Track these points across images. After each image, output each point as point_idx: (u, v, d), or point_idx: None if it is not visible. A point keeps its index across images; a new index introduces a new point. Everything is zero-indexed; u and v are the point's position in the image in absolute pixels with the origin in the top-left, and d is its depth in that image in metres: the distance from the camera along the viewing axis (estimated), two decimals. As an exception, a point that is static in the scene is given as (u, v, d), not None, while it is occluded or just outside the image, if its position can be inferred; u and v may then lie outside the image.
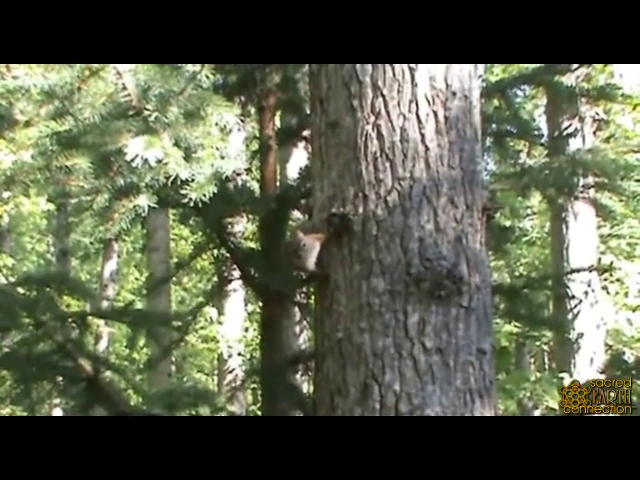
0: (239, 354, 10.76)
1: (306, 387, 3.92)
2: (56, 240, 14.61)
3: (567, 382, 4.45)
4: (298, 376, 3.90)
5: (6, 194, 8.13)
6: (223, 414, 4.57)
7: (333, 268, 2.79)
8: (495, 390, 2.81)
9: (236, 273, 3.82)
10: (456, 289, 2.70)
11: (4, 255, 10.60)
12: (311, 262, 2.82)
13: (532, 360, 16.08)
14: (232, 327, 10.97)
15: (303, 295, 3.83)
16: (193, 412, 4.28)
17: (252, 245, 3.73)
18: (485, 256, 2.83)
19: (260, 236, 3.63)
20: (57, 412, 12.96)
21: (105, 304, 11.27)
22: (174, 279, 12.95)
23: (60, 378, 3.79)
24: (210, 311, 10.82)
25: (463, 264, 2.73)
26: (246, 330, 11.39)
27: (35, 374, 3.63)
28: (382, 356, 2.67)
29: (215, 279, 4.52)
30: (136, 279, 16.23)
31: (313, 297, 3.11)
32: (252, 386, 12.08)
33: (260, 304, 9.99)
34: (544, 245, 13.75)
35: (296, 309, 4.04)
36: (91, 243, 16.29)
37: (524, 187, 3.94)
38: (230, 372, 10.64)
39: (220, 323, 10.93)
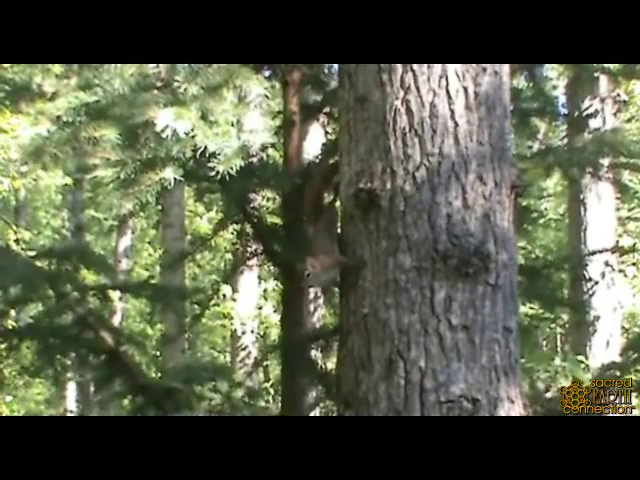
0: (252, 331, 10.78)
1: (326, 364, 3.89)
2: (71, 215, 14.64)
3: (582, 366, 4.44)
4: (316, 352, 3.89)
5: (24, 168, 8.13)
6: (241, 390, 4.59)
7: (359, 244, 2.78)
8: (519, 369, 2.81)
9: (257, 249, 3.81)
10: (483, 266, 2.68)
11: (21, 229, 10.63)
12: (323, 282, 2.94)
13: (545, 343, 16.06)
14: (246, 304, 10.99)
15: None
16: (211, 386, 4.30)
17: (275, 220, 3.71)
18: (512, 234, 2.82)
19: (283, 211, 3.62)
20: (71, 386, 13.06)
21: (121, 279, 11.27)
22: (188, 257, 12.99)
23: (81, 350, 3.80)
24: (224, 288, 10.84)
25: (491, 241, 2.71)
26: (260, 308, 11.41)
27: (57, 345, 3.65)
28: (408, 332, 2.66)
29: (231, 256, 4.53)
30: (149, 255, 16.26)
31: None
32: (265, 364, 12.14)
33: (276, 282, 9.97)
34: (559, 228, 13.72)
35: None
36: (105, 219, 16.37)
37: (548, 167, 3.92)
38: (243, 349, 10.67)
39: (234, 300, 10.95)
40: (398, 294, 2.68)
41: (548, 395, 4.12)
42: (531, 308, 7.27)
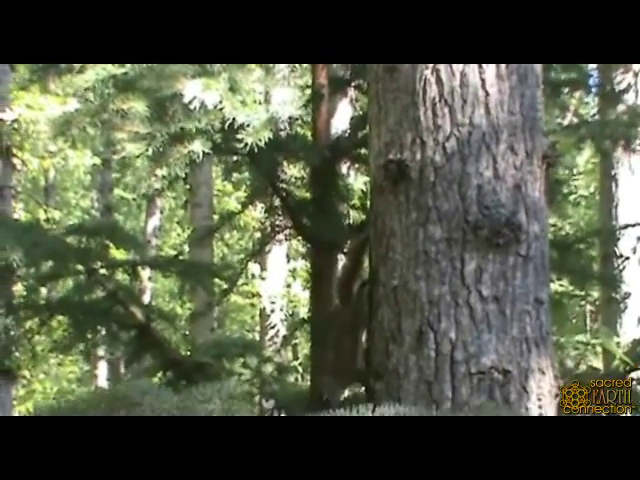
0: (281, 310, 10.81)
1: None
2: (100, 196, 14.74)
3: (615, 341, 4.40)
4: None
5: (53, 147, 8.19)
6: (270, 366, 4.61)
7: (389, 215, 2.76)
8: (551, 341, 2.78)
9: (286, 223, 3.80)
10: (514, 237, 2.66)
11: (50, 208, 10.72)
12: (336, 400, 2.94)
13: (574, 322, 15.96)
14: (274, 283, 11.02)
15: (353, 246, 3.81)
16: (240, 362, 4.32)
17: (304, 195, 3.70)
18: (544, 204, 2.79)
19: (312, 185, 3.61)
20: (102, 365, 13.20)
21: (150, 255, 11.34)
22: (216, 235, 13.05)
23: (111, 325, 3.83)
24: (252, 267, 10.88)
25: (522, 212, 2.68)
26: (288, 286, 11.44)
27: (88, 320, 3.67)
28: (438, 304, 2.65)
29: (259, 235, 4.52)
30: (178, 235, 16.35)
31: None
32: (294, 342, 12.19)
33: (304, 260, 9.96)
34: (590, 205, 13.59)
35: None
36: (134, 199, 16.46)
37: (579, 139, 3.88)
38: (272, 328, 10.71)
39: (262, 279, 10.98)
40: (428, 266, 2.67)
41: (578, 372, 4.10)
42: (561, 285, 7.23)
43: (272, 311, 10.80)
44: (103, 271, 3.88)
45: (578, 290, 5.24)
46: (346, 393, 3.12)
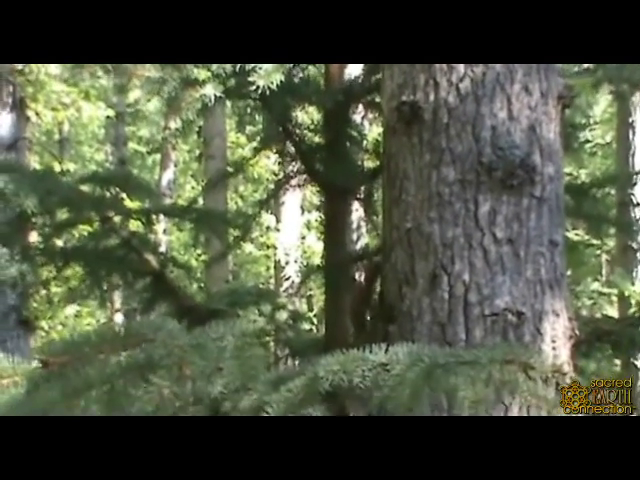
0: (296, 261, 10.85)
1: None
2: (114, 149, 14.75)
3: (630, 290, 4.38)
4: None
5: (66, 99, 8.17)
6: (284, 313, 4.63)
7: (402, 157, 2.74)
8: (566, 283, 2.78)
9: (299, 169, 3.79)
10: (529, 179, 2.64)
11: (65, 160, 10.73)
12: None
13: (589, 271, 15.93)
14: (289, 235, 11.05)
15: (366, 191, 3.80)
16: (256, 310, 4.34)
17: (316, 140, 3.68)
18: (559, 146, 2.76)
19: (325, 130, 3.58)
20: (118, 317, 13.30)
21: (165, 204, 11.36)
22: (230, 187, 13.04)
23: (126, 272, 3.84)
24: (267, 218, 10.91)
25: (536, 153, 2.66)
26: (303, 238, 11.46)
27: (103, 267, 3.69)
28: (451, 246, 2.64)
29: (273, 186, 4.51)
30: (192, 188, 16.37)
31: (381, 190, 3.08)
32: (308, 294, 12.24)
33: (318, 212, 9.94)
34: (606, 155, 13.49)
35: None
36: (148, 153, 16.45)
37: (596, 82, 3.82)
38: (287, 279, 10.76)
39: (277, 230, 11.01)
40: (442, 208, 2.65)
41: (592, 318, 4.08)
42: (577, 235, 7.20)
43: (287, 263, 10.85)
44: (117, 219, 3.90)
45: (594, 239, 5.20)
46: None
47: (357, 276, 3.49)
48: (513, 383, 1.91)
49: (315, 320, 10.40)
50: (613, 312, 8.87)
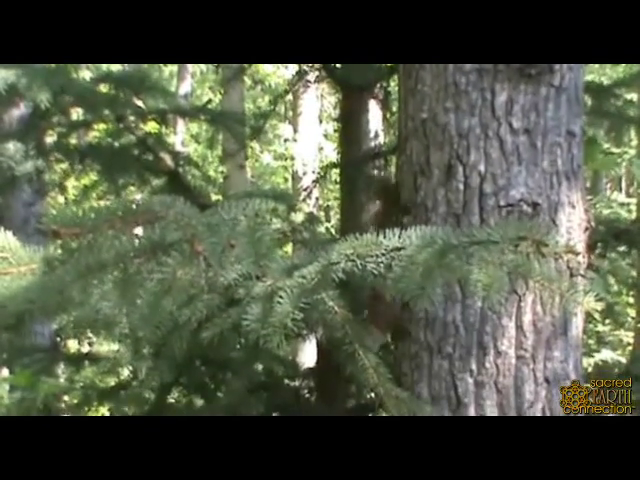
0: (313, 172, 10.81)
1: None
2: (131, 59, 14.55)
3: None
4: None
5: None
6: (300, 214, 4.62)
7: (419, 46, 2.69)
8: (583, 174, 2.75)
9: (315, 66, 3.74)
10: (547, 67, 2.58)
11: (82, 66, 10.63)
12: None
13: (609, 185, 15.84)
14: (306, 145, 10.99)
15: (382, 89, 3.75)
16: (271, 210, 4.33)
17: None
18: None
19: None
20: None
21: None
22: (248, 99, 12.92)
23: (142, 171, 3.84)
24: (284, 129, 10.84)
25: (556, 40, 2.60)
26: (320, 149, 11.40)
27: (118, 165, 3.69)
28: (467, 136, 2.60)
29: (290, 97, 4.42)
30: (210, 100, 16.23)
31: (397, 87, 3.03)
32: (326, 204, 12.23)
33: (335, 122, 9.83)
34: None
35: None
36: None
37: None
38: (305, 190, 10.73)
39: (295, 141, 10.95)
40: (458, 97, 2.61)
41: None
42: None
43: (304, 174, 10.82)
44: (133, 118, 3.88)
45: (615, 142, 5.11)
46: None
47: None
48: (526, 265, 1.90)
49: (333, 230, 10.41)
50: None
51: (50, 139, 3.76)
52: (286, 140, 11.45)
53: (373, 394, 2.41)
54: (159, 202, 1.81)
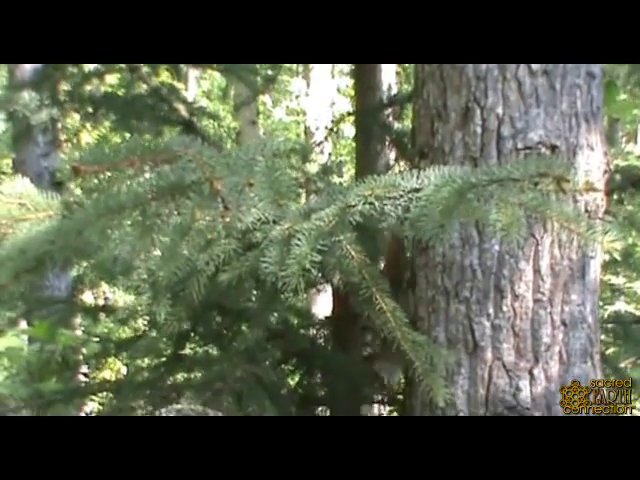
0: (326, 127, 10.76)
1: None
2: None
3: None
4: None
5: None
6: (315, 165, 4.62)
7: None
8: (602, 117, 2.72)
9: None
10: (567, 7, 2.54)
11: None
12: None
13: (625, 139, 15.67)
14: (319, 100, 10.93)
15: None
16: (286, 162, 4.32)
17: None
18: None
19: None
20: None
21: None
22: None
23: (156, 120, 3.83)
24: (297, 84, 10.78)
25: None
26: (333, 104, 11.32)
27: (132, 114, 3.68)
28: (485, 79, 2.58)
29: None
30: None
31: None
32: (338, 160, 12.17)
33: (347, 76, 9.75)
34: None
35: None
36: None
37: None
38: (317, 145, 10.69)
39: (307, 95, 10.89)
40: (476, 39, 2.58)
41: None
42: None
43: (317, 129, 10.77)
44: (146, 69, 3.86)
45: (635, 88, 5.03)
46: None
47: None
48: (546, 205, 1.88)
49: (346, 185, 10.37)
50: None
51: (64, 88, 3.74)
52: (297, 96, 11.37)
53: (390, 338, 2.41)
54: (178, 142, 1.81)
